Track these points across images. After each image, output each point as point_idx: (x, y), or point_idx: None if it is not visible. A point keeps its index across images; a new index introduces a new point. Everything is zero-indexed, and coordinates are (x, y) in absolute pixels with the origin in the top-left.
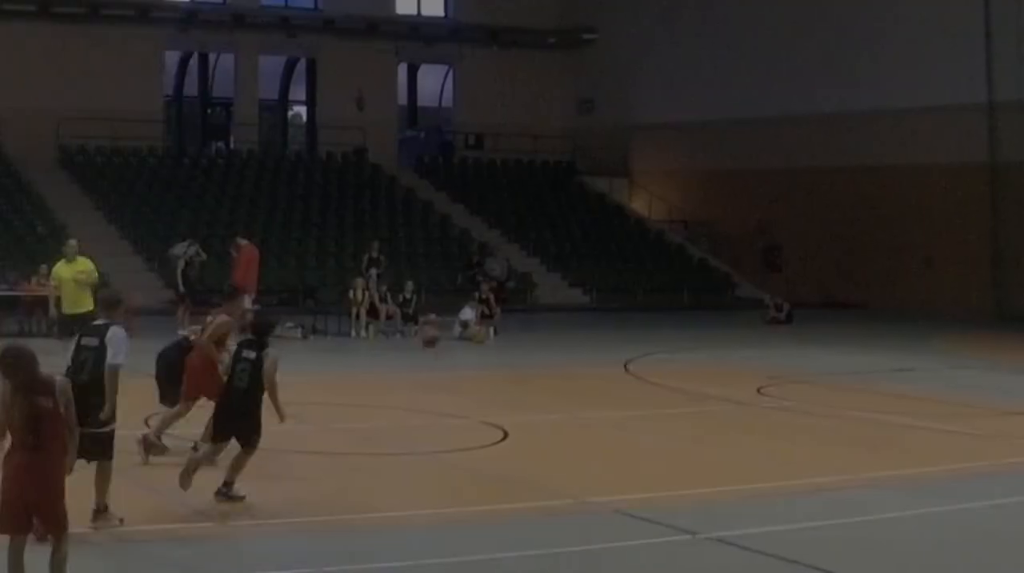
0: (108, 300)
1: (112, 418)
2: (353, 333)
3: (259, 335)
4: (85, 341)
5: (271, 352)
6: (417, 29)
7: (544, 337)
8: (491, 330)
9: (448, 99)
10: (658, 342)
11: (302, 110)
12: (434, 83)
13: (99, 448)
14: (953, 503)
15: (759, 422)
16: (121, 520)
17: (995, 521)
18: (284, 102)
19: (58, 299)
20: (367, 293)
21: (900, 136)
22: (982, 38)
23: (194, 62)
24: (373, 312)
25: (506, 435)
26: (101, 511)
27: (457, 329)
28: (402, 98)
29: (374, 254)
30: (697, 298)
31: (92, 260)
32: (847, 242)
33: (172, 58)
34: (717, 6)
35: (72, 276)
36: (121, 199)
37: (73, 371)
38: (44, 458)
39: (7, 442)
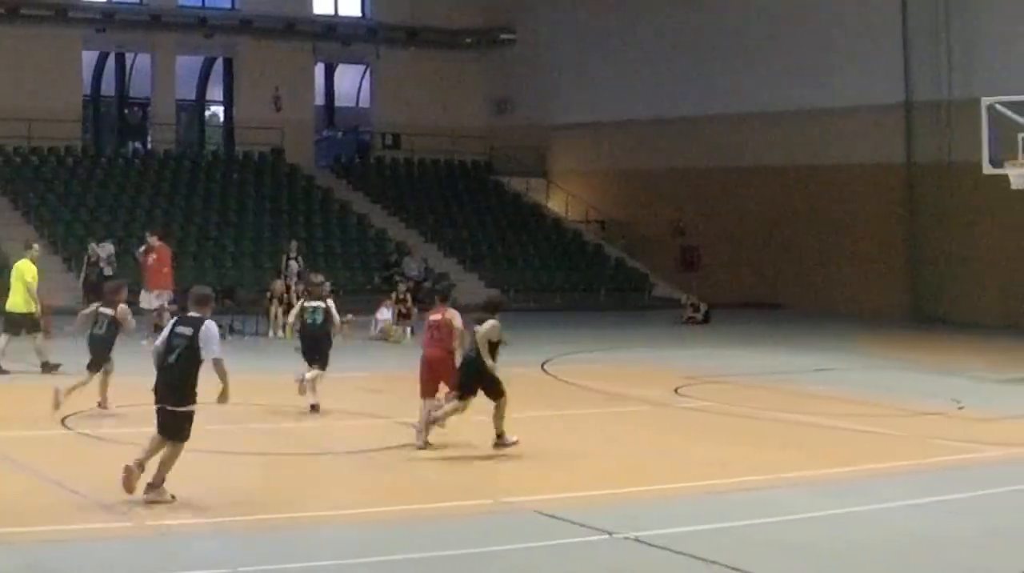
0: (200, 296)
1: (194, 401)
2: (271, 333)
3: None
4: (180, 329)
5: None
6: (334, 29)
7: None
8: (408, 330)
9: (365, 99)
10: (575, 342)
11: (219, 110)
12: (351, 83)
13: (176, 426)
14: (870, 503)
15: (677, 422)
16: (173, 497)
17: (912, 521)
18: (201, 102)
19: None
20: (286, 293)
21: (818, 136)
22: (900, 38)
23: (111, 62)
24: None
25: None
26: (156, 485)
27: (374, 328)
28: (319, 98)
29: (292, 254)
30: (614, 298)
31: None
32: (765, 242)
33: (89, 58)
34: (634, 7)
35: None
36: (39, 199)
37: (165, 352)
38: None
39: None
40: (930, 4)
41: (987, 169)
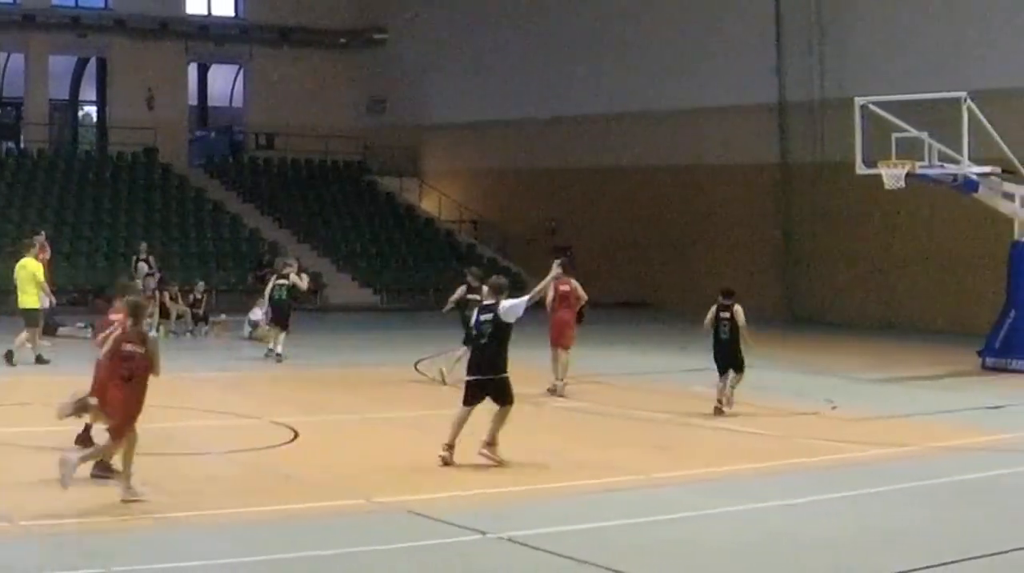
0: (498, 285)
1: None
2: None
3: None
4: (483, 317)
5: None
6: (207, 29)
7: (334, 337)
8: None
9: (239, 99)
10: (448, 342)
11: (92, 110)
12: (225, 83)
13: (504, 392)
14: (744, 503)
15: (552, 422)
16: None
17: (785, 521)
18: (75, 102)
19: None
20: (154, 293)
21: (693, 136)
22: (774, 39)
23: None
24: (164, 312)
25: (297, 435)
26: (493, 444)
27: (247, 329)
28: (192, 98)
29: (142, 255)
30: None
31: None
32: (641, 242)
33: None
34: (508, 7)
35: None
36: None
37: (476, 337)
38: None
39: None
40: (804, 5)
41: (860, 169)
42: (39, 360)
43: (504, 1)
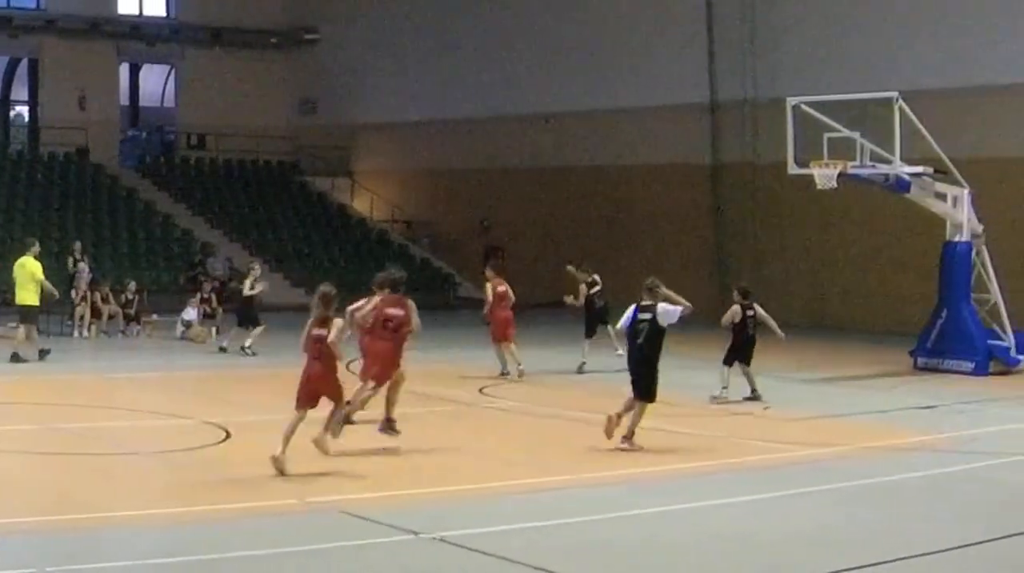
0: (653, 287)
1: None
2: (76, 333)
3: None
4: (642, 316)
5: None
6: (139, 29)
7: (266, 337)
8: (213, 330)
9: (170, 99)
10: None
11: (24, 110)
12: (156, 83)
13: (649, 390)
14: (678, 502)
15: (483, 422)
16: (641, 447)
17: (719, 520)
18: (6, 102)
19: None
20: (88, 293)
21: (626, 136)
22: (705, 38)
23: None
24: (95, 312)
25: (229, 435)
26: (631, 436)
27: (180, 329)
28: (124, 98)
29: (77, 255)
30: (419, 298)
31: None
32: (574, 241)
33: None
34: (440, 7)
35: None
36: None
37: (633, 336)
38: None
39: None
40: (735, 4)
41: (793, 170)
42: (15, 358)
43: (435, 2)
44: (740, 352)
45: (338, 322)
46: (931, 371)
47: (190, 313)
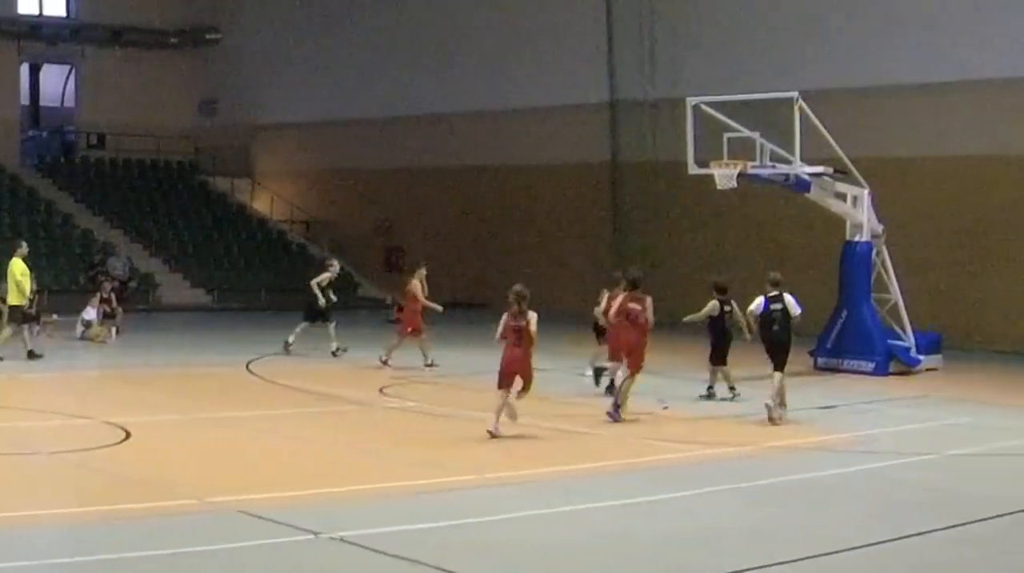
0: (775, 280)
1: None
2: None
3: None
4: (774, 306)
5: None
6: (39, 28)
7: (166, 337)
8: (113, 330)
9: (71, 99)
10: (281, 342)
11: None
12: (57, 83)
13: (782, 360)
14: (578, 503)
15: (382, 422)
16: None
17: (619, 521)
18: None
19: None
20: None
21: (526, 135)
22: (605, 37)
23: None
24: None
25: (128, 435)
26: (783, 405)
27: (79, 329)
28: (24, 98)
29: None
30: None
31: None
32: (473, 241)
33: None
34: (339, 8)
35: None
36: None
37: (767, 326)
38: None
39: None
40: (635, 3)
41: (693, 170)
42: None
43: (337, 2)
44: (720, 349)
45: (533, 315)
46: (831, 371)
47: (90, 313)
